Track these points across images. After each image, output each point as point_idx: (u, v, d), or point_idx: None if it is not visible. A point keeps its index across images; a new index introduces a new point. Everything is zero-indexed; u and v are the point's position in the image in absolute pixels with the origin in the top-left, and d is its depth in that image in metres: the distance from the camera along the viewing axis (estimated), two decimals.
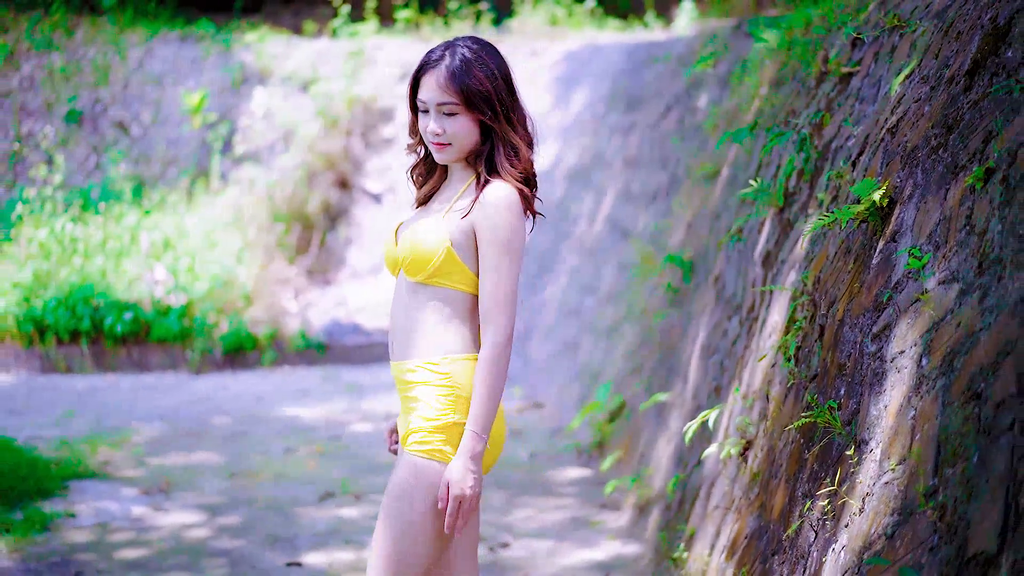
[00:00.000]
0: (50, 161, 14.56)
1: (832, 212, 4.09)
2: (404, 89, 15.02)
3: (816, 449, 3.79)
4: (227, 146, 14.63)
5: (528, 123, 3.66)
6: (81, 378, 11.57)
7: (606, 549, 6.39)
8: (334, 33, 15.69)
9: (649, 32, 15.14)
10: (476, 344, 3.58)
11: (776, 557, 3.94)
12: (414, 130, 3.71)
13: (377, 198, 14.69)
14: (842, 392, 3.70)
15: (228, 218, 13.46)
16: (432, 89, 3.55)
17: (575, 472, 7.99)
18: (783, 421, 4.24)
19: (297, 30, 16.55)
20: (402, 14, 16.03)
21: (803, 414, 3.92)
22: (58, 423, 9.43)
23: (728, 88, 7.65)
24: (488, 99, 3.53)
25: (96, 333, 11.90)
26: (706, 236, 6.96)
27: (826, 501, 3.55)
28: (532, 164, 3.62)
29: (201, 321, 12.05)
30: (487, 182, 3.56)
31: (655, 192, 9.10)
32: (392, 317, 3.68)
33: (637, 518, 6.61)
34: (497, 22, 16.65)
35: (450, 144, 3.57)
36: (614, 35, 15.40)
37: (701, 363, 6.13)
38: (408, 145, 3.75)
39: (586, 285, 10.26)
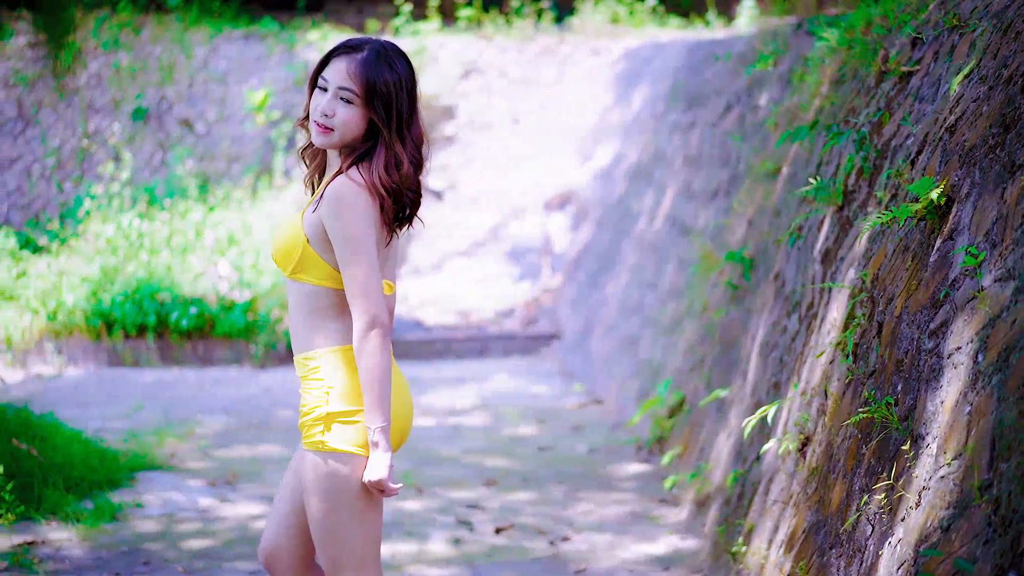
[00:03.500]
0: (117, 158, 14.81)
1: (891, 210, 4.14)
2: (467, 87, 15.12)
3: (873, 444, 3.84)
4: (290, 143, 14.80)
5: (424, 146, 3.66)
6: (148, 371, 11.76)
7: (665, 543, 6.44)
8: (396, 32, 15.80)
9: (710, 30, 15.13)
10: (349, 336, 3.60)
11: (833, 551, 4.00)
12: (308, 109, 3.68)
13: (439, 195, 14.80)
14: (899, 388, 3.74)
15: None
16: (339, 72, 3.55)
17: (635, 467, 8.04)
18: (841, 417, 4.29)
19: (360, 28, 16.66)
20: (464, 12, 16.13)
21: (861, 410, 3.97)
22: (126, 416, 9.60)
23: (789, 86, 7.66)
24: (388, 103, 3.54)
25: (162, 327, 12.07)
26: (766, 233, 6.99)
27: (883, 495, 3.60)
28: (411, 182, 3.59)
29: (265, 316, 12.20)
30: (337, 176, 3.57)
31: (716, 190, 9.13)
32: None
33: (696, 513, 6.66)
34: (559, 20, 16.71)
35: (333, 130, 3.56)
36: (675, 33, 15.41)
37: (760, 359, 6.17)
38: (299, 120, 3.71)
39: (647, 282, 10.30)
